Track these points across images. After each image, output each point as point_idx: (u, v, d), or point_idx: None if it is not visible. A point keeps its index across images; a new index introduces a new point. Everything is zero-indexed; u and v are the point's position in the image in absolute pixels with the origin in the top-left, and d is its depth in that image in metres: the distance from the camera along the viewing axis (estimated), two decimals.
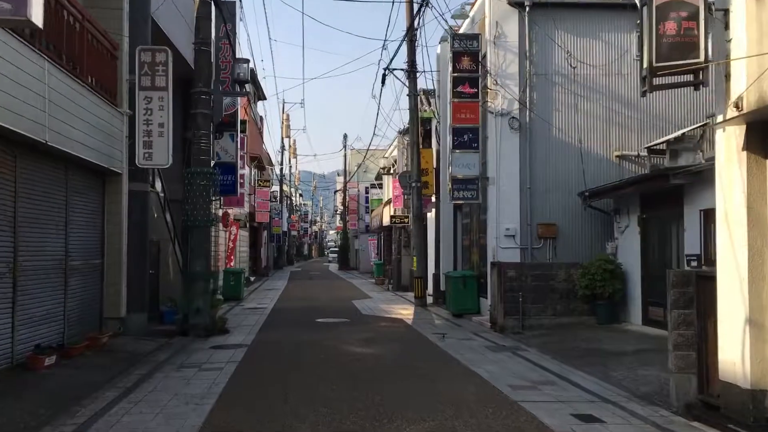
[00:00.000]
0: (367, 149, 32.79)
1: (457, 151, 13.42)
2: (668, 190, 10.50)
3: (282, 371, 8.62)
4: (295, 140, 65.10)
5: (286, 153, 56.57)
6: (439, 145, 19.36)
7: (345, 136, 51.61)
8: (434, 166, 19.71)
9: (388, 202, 27.31)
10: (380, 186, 33.43)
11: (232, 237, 22.47)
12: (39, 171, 8.87)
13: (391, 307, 18.49)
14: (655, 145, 12.58)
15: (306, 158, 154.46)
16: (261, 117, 39.65)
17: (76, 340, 9.66)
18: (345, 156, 51.43)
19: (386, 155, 26.71)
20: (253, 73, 34.62)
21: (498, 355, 10.05)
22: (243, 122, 21.17)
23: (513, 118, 13.47)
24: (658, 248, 11.40)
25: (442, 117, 18.79)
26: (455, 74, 13.36)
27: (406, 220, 25.13)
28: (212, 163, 14.31)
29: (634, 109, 13.66)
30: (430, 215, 20.17)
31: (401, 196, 25.38)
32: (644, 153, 13.30)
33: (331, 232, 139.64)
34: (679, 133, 11.67)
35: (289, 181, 66.38)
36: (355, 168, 52.11)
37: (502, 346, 10.94)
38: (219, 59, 16.10)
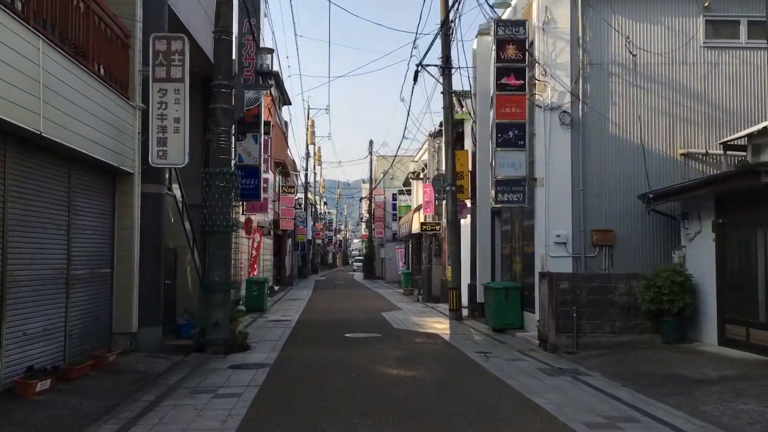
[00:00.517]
0: (395, 155, 31.69)
1: (502, 149, 12.14)
2: (753, 191, 9.10)
3: (309, 399, 7.41)
4: (320, 147, 64.33)
5: (311, 160, 55.74)
6: (475, 146, 18.08)
7: (371, 143, 50.72)
8: (469, 169, 18.43)
9: (418, 208, 26.06)
10: (408, 192, 32.22)
11: (256, 245, 21.41)
12: (35, 167, 7.81)
13: (424, 320, 17.20)
14: (734, 139, 11.17)
15: (330, 166, 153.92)
16: (286, 122, 38.78)
17: (79, 359, 8.56)
18: (371, 162, 50.35)
19: (415, 159, 25.51)
20: (278, 76, 33.77)
21: (556, 380, 8.72)
22: (267, 123, 20.15)
23: (564, 112, 12.17)
24: (739, 257, 9.96)
25: (480, 116, 17.53)
26: (499, 64, 12.11)
27: (437, 227, 23.88)
28: (233, 164, 13.24)
29: (700, 101, 12.26)
30: (465, 222, 18.88)
31: (432, 202, 24.14)
32: (714, 150, 11.89)
33: (356, 240, 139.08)
34: (762, 126, 10.24)
35: (314, 188, 65.56)
36: (381, 175, 51.06)
37: (558, 368, 9.60)
38: (242, 56, 15.08)
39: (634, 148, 12.20)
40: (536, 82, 12.28)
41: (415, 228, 26.28)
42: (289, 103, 39.20)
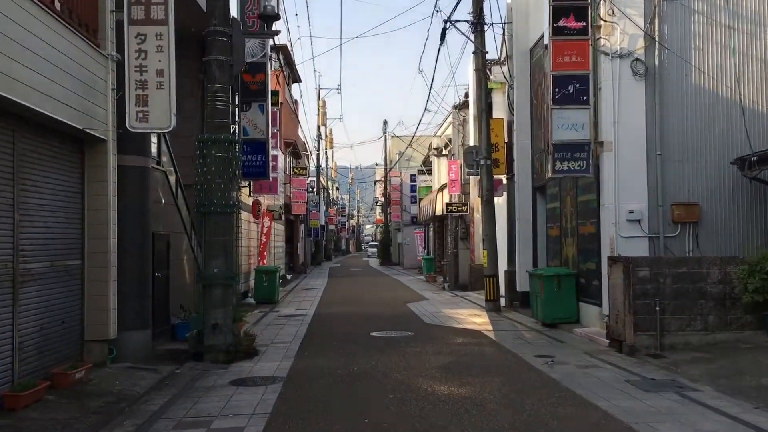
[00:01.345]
0: (414, 134, 29.56)
1: (559, 107, 9.91)
2: None
3: None
4: (331, 130, 62.18)
5: (323, 142, 53.58)
6: (512, 114, 15.85)
7: (385, 123, 48.35)
8: (505, 141, 16.22)
9: (442, 188, 23.90)
10: (429, 172, 30.04)
11: (265, 230, 19.36)
12: None
13: (458, 312, 15.10)
14: None
15: (341, 153, 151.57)
16: (296, 101, 36.63)
17: (30, 380, 6.54)
18: (385, 143, 48.15)
19: (438, 134, 23.31)
20: (286, 51, 31.58)
21: (659, 398, 6.59)
22: (275, 93, 18.00)
23: (637, 60, 9.93)
24: None
25: (518, 80, 15.29)
26: (555, 3, 9.85)
27: (464, 208, 21.71)
28: (237, 137, 11.12)
29: None
30: (499, 201, 16.70)
31: (458, 180, 21.97)
32: None
33: (368, 226, 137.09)
34: None
35: (326, 172, 63.46)
36: (397, 156, 48.82)
37: (652, 380, 7.47)
38: (244, 6, 12.99)
39: (726, 102, 9.96)
40: (601, 23, 10.04)
41: (439, 209, 24.12)
42: (299, 81, 37.03)
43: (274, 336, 11.48)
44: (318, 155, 49.80)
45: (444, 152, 23.61)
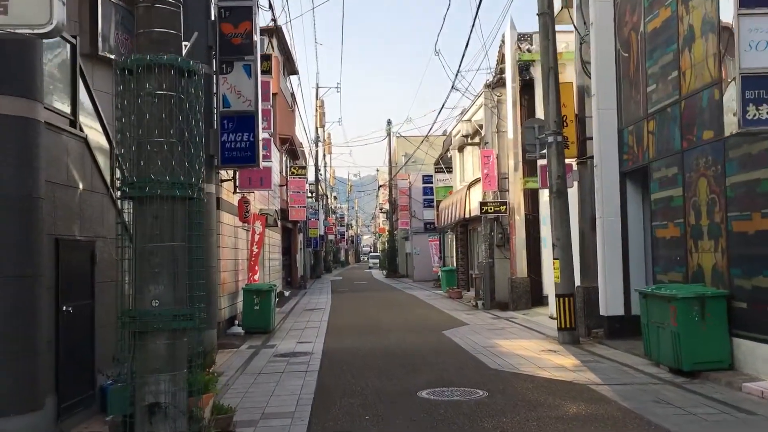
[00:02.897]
0: (427, 134, 25.42)
1: (750, 12, 5.84)
2: None
3: None
4: (329, 134, 58.18)
5: (321, 146, 49.51)
6: (588, 76, 11.79)
7: (389, 122, 44.32)
8: (575, 113, 12.16)
9: (473, 184, 19.76)
10: (448, 169, 25.96)
11: (257, 238, 15.18)
12: None
13: (520, 345, 10.93)
14: None
15: (339, 162, 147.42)
16: (292, 93, 32.58)
17: None
18: (389, 143, 44.07)
19: (468, 118, 19.24)
20: (281, 35, 27.60)
21: None
22: (267, 57, 13.90)
23: None
24: None
25: (597, 27, 11.25)
26: None
27: (502, 207, 17.59)
28: (197, 67, 6.98)
29: None
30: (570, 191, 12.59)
31: (494, 174, 17.86)
32: None
33: (366, 236, 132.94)
34: None
35: (325, 179, 59.38)
36: (402, 159, 44.78)
37: None
38: None
39: None
40: None
41: (466, 212, 19.98)
42: (296, 72, 32.97)
43: (267, 399, 7.31)
44: (317, 159, 45.78)
45: (472, 140, 19.54)
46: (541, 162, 12.77)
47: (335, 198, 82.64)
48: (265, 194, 20.73)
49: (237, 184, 13.07)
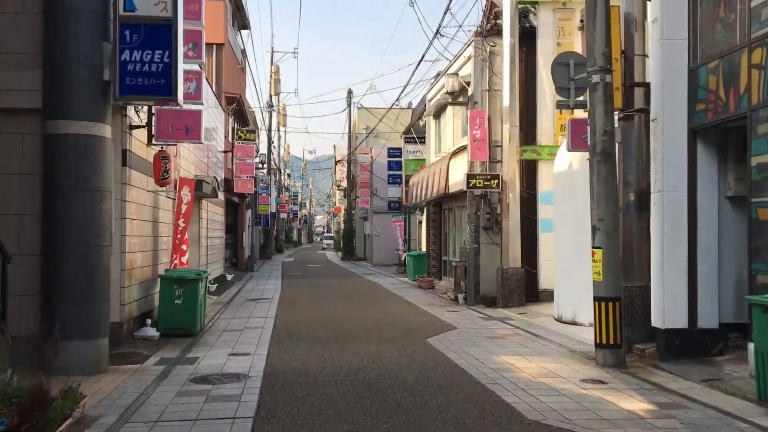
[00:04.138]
0: (410, 79, 22.16)
1: None
2: None
3: None
4: (285, 105, 54.02)
5: (275, 115, 45.49)
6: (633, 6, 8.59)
7: (350, 92, 40.58)
8: (620, 50, 8.94)
9: (457, 152, 16.41)
10: (421, 140, 22.56)
11: (184, 209, 11.53)
12: None
13: (542, 365, 7.75)
14: None
15: (293, 139, 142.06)
16: (243, 50, 28.64)
17: None
18: (349, 115, 40.49)
19: (454, 71, 15.91)
20: None
21: None
22: None
23: None
24: None
25: None
26: None
27: (493, 182, 14.40)
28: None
29: None
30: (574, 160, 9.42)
31: (485, 139, 14.62)
32: None
33: (319, 216, 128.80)
34: None
35: (278, 153, 55.35)
36: (363, 132, 41.28)
37: None
38: None
39: None
40: None
41: (449, 185, 16.66)
42: (248, 27, 28.99)
43: None
44: (269, 129, 41.83)
45: (456, 100, 16.22)
46: (567, 114, 9.54)
47: (289, 176, 78.52)
48: (203, 158, 17.04)
49: (154, 129, 9.44)
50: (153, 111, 9.38)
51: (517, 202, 14.33)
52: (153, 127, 9.40)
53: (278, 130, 52.83)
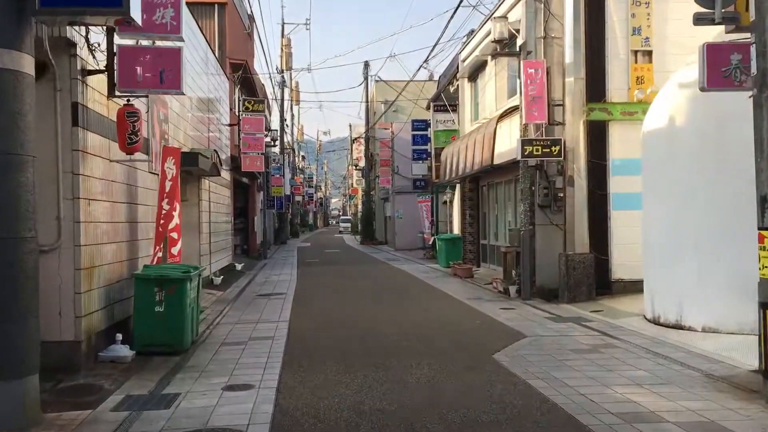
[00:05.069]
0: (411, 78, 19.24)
1: None
2: None
3: None
4: (297, 83, 51.29)
5: (287, 92, 42.85)
6: None
7: (366, 64, 37.71)
8: None
9: (505, 115, 13.62)
10: (452, 108, 19.78)
11: (168, 187, 8.92)
12: None
13: (696, 413, 5.13)
14: None
15: (307, 121, 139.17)
16: (250, 15, 25.97)
17: None
18: (366, 88, 37.69)
19: (502, 14, 13.12)
20: None
21: None
22: None
23: None
24: None
25: None
26: None
27: (554, 149, 11.70)
28: None
29: None
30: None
31: (542, 98, 11.87)
32: None
33: (334, 199, 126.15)
34: None
35: (292, 132, 52.78)
36: (382, 107, 38.51)
37: None
38: None
39: None
40: None
41: (494, 155, 13.91)
42: None
43: None
44: (282, 105, 39.20)
45: (502, 51, 13.45)
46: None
47: (303, 158, 75.93)
48: (203, 131, 14.52)
49: (116, 79, 6.84)
50: (114, 49, 6.77)
51: (583, 173, 11.65)
52: (115, 73, 6.81)
53: (291, 109, 50.30)
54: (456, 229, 20.70)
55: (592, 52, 11.87)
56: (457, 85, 19.19)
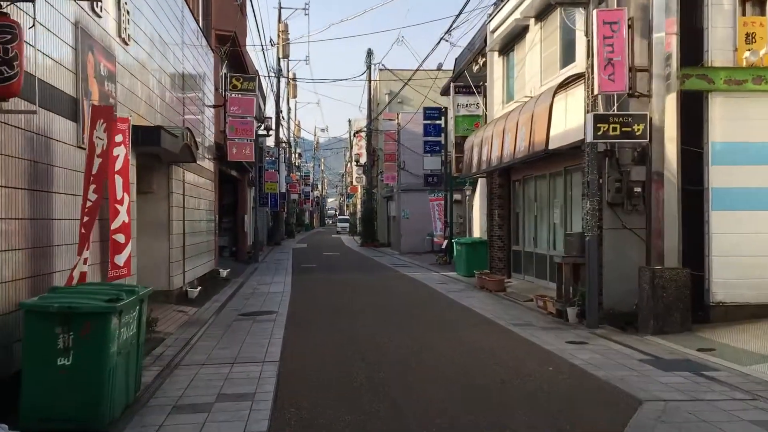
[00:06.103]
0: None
1: None
2: None
3: None
4: (294, 74, 48.21)
5: (283, 82, 39.80)
6: None
7: (369, 52, 34.74)
8: None
9: (564, 85, 10.51)
10: (477, 89, 16.71)
11: (96, 165, 5.97)
12: None
13: None
14: None
15: (303, 118, 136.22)
16: None
17: None
18: (369, 77, 34.75)
19: None
20: None
21: None
22: None
23: None
24: None
25: None
26: None
27: (636, 128, 8.74)
28: None
29: None
30: None
31: (622, 62, 8.87)
32: None
33: (331, 199, 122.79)
34: None
35: (288, 127, 49.71)
36: (386, 97, 35.52)
37: None
38: None
39: None
40: None
41: (555, 136, 10.83)
42: None
43: None
44: (278, 96, 36.17)
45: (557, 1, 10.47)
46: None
47: (300, 156, 72.87)
48: (177, 108, 11.57)
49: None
50: None
51: (674, 162, 8.72)
52: None
53: (287, 101, 47.28)
54: (477, 232, 17.75)
55: (686, 1, 8.96)
56: (483, 62, 16.23)
